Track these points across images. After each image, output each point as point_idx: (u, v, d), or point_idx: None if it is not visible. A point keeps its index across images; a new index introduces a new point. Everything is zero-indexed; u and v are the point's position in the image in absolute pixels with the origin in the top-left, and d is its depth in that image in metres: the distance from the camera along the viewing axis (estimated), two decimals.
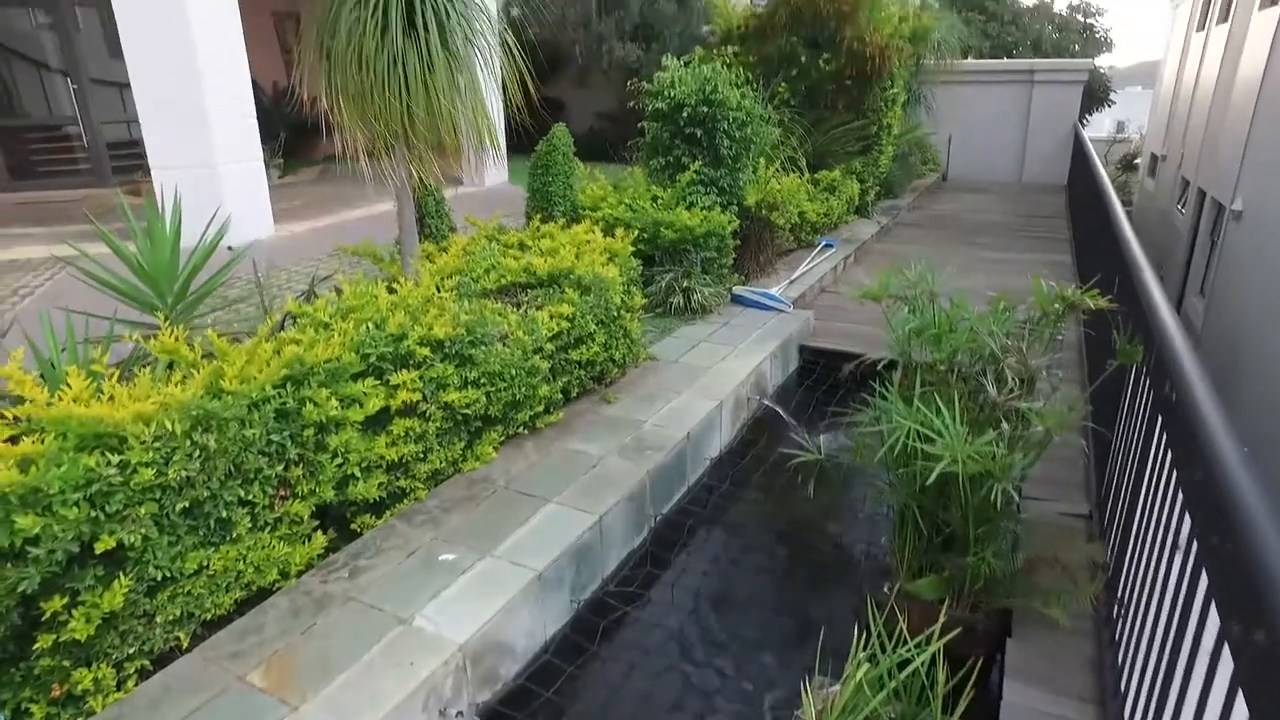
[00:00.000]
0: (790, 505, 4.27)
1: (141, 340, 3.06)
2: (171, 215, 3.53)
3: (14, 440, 2.61)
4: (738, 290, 6.30)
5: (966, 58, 15.15)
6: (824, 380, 5.68)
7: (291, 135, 13.05)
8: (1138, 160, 24.65)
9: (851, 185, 9.35)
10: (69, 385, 2.72)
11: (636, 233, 5.34)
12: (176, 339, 3.07)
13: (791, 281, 6.86)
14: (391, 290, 3.75)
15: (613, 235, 5.04)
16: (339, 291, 3.89)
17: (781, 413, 4.92)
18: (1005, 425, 2.86)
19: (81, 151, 12.47)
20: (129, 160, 12.04)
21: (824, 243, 8.09)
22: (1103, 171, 7.75)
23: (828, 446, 3.42)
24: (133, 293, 3.49)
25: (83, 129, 12.25)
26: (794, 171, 8.40)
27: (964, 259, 8.48)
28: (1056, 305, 3.04)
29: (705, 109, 6.24)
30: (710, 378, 4.86)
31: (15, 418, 2.64)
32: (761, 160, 7.22)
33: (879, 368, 3.14)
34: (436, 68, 3.58)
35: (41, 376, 3.21)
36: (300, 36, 12.21)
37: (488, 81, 4.13)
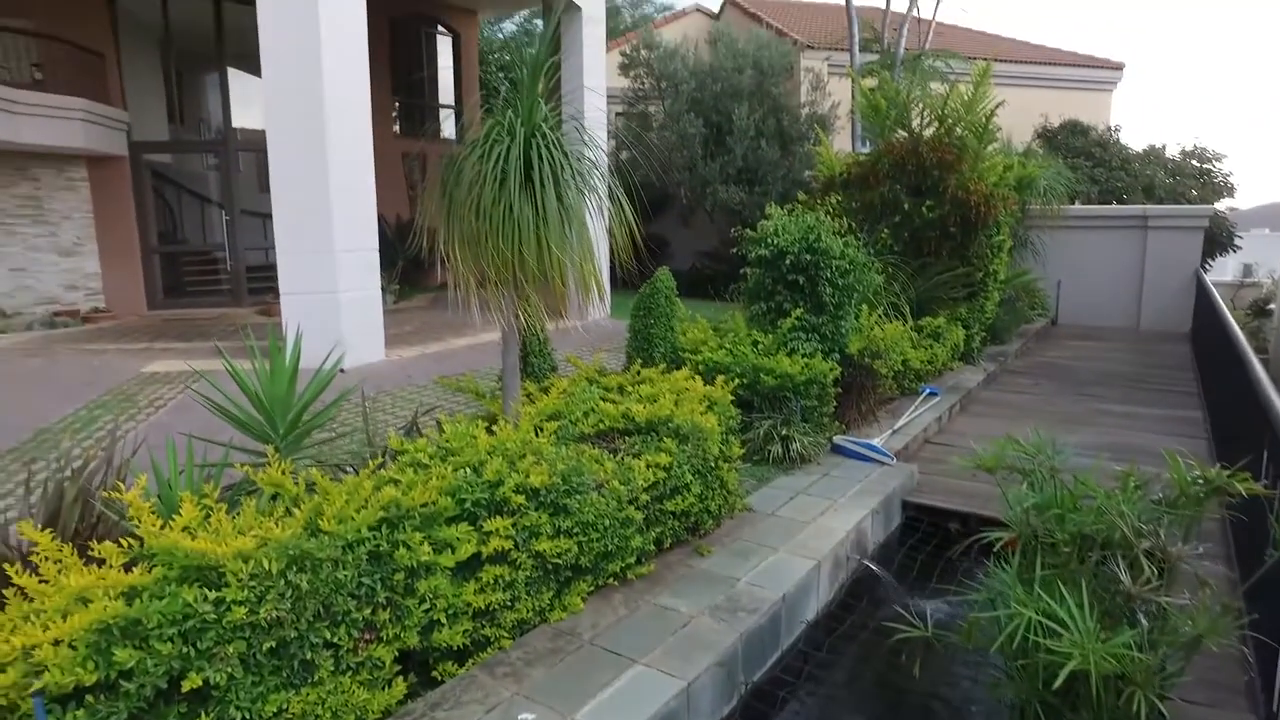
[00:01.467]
0: (892, 682, 3.93)
1: (251, 473, 3.15)
2: (291, 352, 3.72)
3: (129, 566, 2.70)
4: (838, 440, 6.13)
5: (1074, 203, 14.95)
6: (929, 539, 5.35)
7: (408, 263, 13.91)
8: (1271, 305, 23.34)
9: (956, 331, 9.14)
10: (180, 513, 2.82)
11: (736, 381, 5.30)
12: (283, 472, 3.17)
13: (894, 431, 6.63)
14: (491, 430, 3.79)
15: (712, 382, 5.03)
16: (440, 427, 3.96)
17: (883, 575, 4.63)
18: (1143, 620, 2.58)
19: (225, 274, 13.63)
20: (263, 283, 13.09)
21: (928, 390, 7.85)
22: (1233, 322, 7.32)
23: (934, 617, 3.16)
24: (249, 422, 3.65)
25: (228, 254, 13.43)
26: (897, 318, 8.30)
27: (1079, 411, 8.04)
28: (1197, 487, 2.78)
29: (808, 257, 6.29)
30: (808, 533, 4.65)
31: (129, 543, 2.73)
32: (864, 307, 7.17)
33: (997, 547, 2.90)
34: (549, 220, 3.75)
35: (159, 498, 3.35)
36: (425, 175, 13.22)
37: (597, 228, 4.28)
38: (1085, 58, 21.85)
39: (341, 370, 7.67)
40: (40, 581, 2.60)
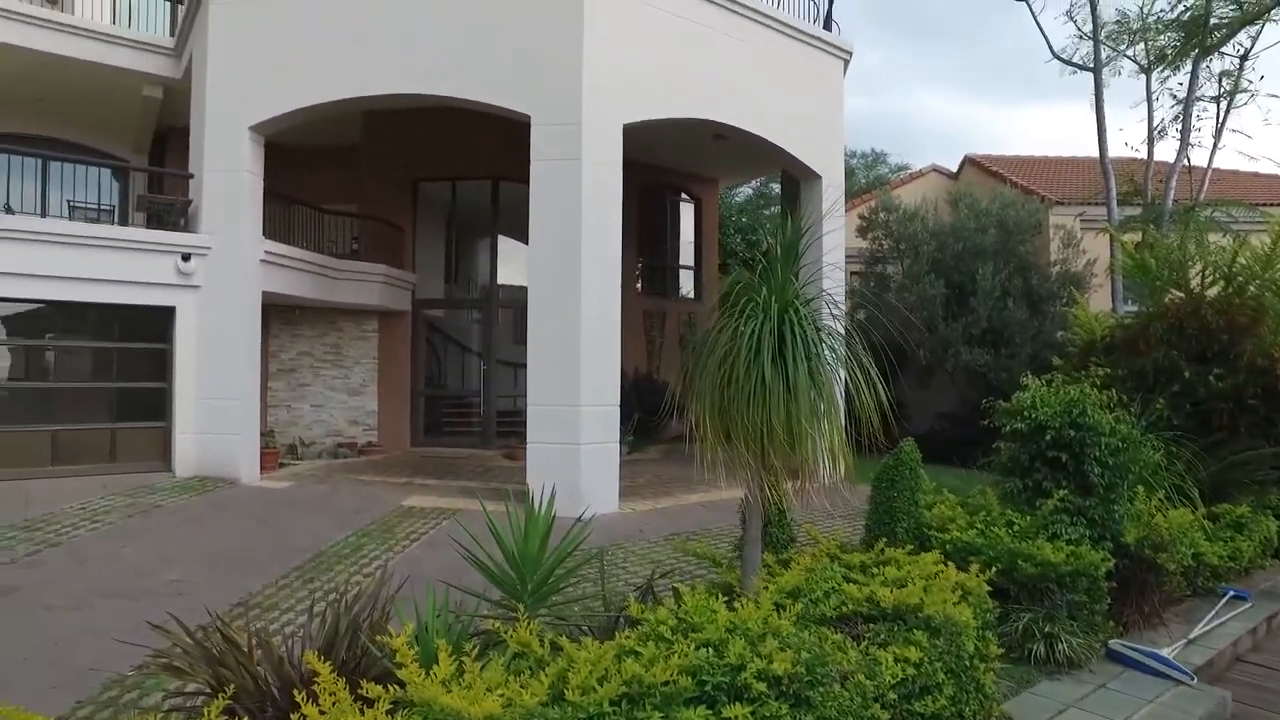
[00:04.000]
0: None
1: (501, 629, 3.28)
2: (545, 511, 3.92)
3: (392, 711, 2.85)
4: (1115, 645, 5.30)
5: None
6: None
7: (643, 414, 14.45)
8: None
9: (1265, 523, 7.75)
10: (438, 663, 2.96)
11: (993, 568, 4.83)
12: (530, 632, 3.26)
13: (1189, 641, 5.62)
14: (730, 605, 3.69)
15: (963, 565, 4.61)
16: (676, 595, 3.93)
17: None
18: None
19: (477, 418, 14.97)
20: (509, 427, 14.21)
21: (1231, 593, 6.64)
22: None
23: None
24: (501, 577, 3.84)
25: (483, 400, 14.80)
26: (1182, 503, 7.23)
27: None
28: None
29: (1071, 432, 5.74)
30: None
31: (394, 689, 2.90)
32: (1140, 489, 6.35)
33: None
34: (800, 395, 3.74)
35: (416, 639, 3.56)
36: (664, 331, 13.89)
37: (840, 395, 4.21)
38: None
39: (577, 520, 7.99)
40: (320, 713, 2.81)
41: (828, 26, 13.03)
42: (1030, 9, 16.97)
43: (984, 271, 14.35)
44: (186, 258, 10.61)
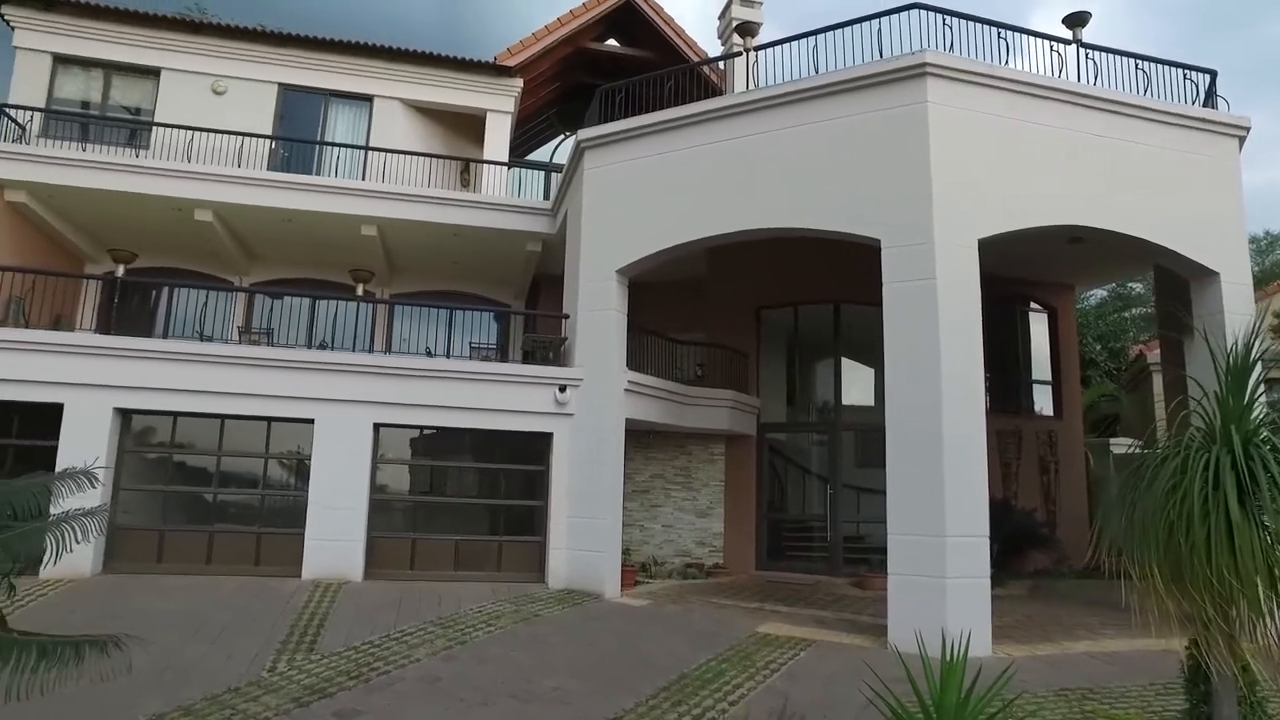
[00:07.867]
0: None
1: None
2: (957, 661, 3.59)
3: None
4: None
5: None
6: None
7: (1002, 545, 13.05)
8: None
9: None
10: None
11: None
12: None
13: None
14: None
15: None
16: None
17: None
18: None
19: (820, 543, 14.60)
20: (856, 554, 13.64)
21: None
22: None
23: None
24: None
25: (828, 524, 14.43)
26: None
27: None
28: None
29: None
30: None
31: None
32: None
33: None
34: None
35: None
36: (1020, 453, 12.58)
37: None
38: None
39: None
40: None
41: (1210, 103, 11.46)
42: None
43: None
44: (563, 389, 11.97)
